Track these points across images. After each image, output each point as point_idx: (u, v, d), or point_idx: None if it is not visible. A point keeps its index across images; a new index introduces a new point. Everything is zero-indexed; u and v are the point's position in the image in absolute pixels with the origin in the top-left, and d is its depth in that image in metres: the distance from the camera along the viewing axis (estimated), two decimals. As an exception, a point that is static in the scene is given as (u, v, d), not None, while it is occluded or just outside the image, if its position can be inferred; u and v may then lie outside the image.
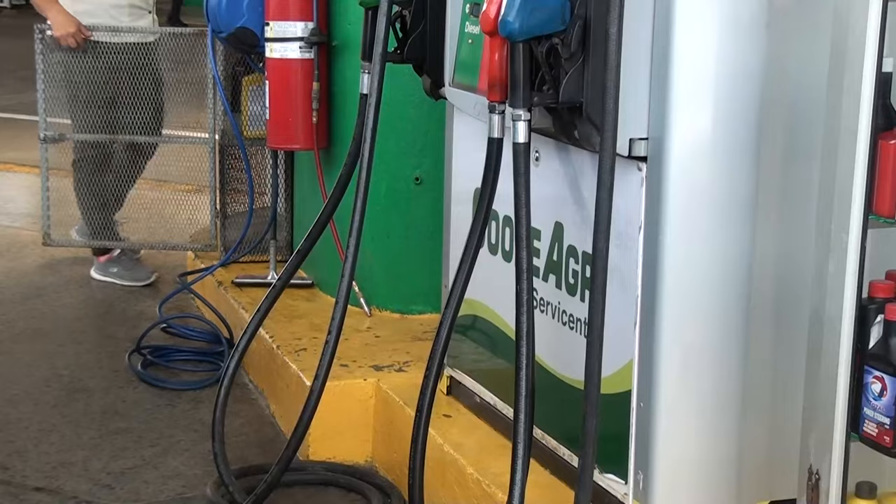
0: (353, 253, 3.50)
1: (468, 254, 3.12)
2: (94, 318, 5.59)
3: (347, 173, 3.76)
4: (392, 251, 4.80)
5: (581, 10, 2.78)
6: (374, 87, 3.43)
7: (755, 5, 2.75)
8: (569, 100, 2.83)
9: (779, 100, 2.78)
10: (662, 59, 2.75)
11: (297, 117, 4.90)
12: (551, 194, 3.19)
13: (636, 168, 2.85)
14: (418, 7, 3.62)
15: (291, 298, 4.97)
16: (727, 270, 2.86)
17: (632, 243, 2.90)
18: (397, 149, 4.66)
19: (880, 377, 2.45)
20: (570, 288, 3.20)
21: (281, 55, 4.86)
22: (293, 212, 5.52)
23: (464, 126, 3.66)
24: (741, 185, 2.83)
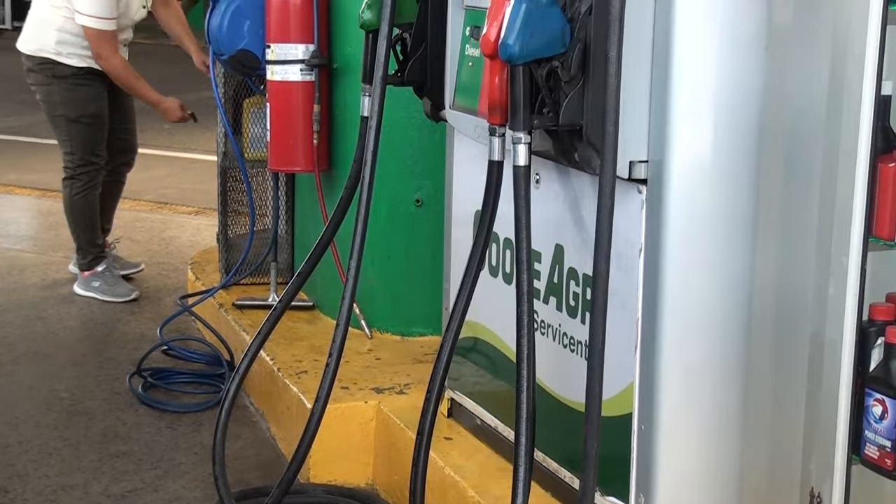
0: (354, 275, 3.50)
1: (469, 276, 3.12)
2: (95, 340, 5.59)
3: (348, 195, 3.77)
4: (393, 273, 4.80)
5: (581, 34, 2.79)
6: (375, 109, 3.44)
7: (754, 27, 2.76)
8: (569, 122, 2.84)
9: (778, 122, 2.79)
10: (662, 81, 2.76)
11: (298, 139, 4.91)
12: (552, 217, 3.19)
13: (636, 190, 2.86)
14: (419, 30, 3.63)
15: (292, 320, 4.97)
16: (728, 293, 2.86)
17: (632, 266, 2.90)
18: (398, 171, 4.66)
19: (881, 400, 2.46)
20: (571, 310, 3.20)
21: (282, 77, 4.87)
22: (294, 234, 5.52)
23: (464, 148, 3.66)
24: (741, 207, 2.83)
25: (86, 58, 5.80)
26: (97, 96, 5.90)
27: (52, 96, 5.87)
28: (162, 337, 5.29)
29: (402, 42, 3.70)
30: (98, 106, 5.90)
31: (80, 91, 5.85)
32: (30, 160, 9.58)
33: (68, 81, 5.83)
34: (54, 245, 7.03)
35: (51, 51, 5.81)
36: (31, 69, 5.91)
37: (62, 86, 5.83)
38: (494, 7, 2.80)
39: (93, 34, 5.70)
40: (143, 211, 7.91)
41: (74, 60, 5.81)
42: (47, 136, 6.38)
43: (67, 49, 5.80)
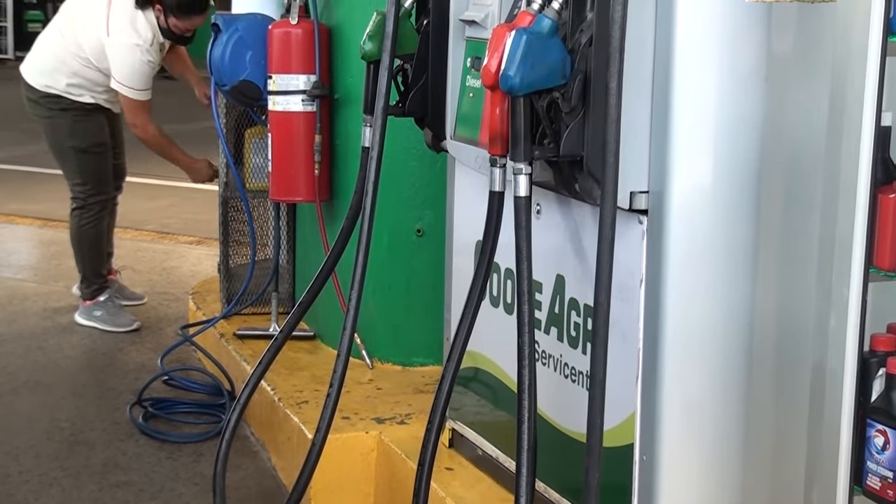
0: (355, 305, 3.50)
1: (470, 306, 3.12)
2: (96, 370, 5.58)
3: (349, 226, 3.77)
4: (394, 303, 4.80)
5: (581, 65, 2.80)
6: (376, 140, 3.45)
7: (754, 58, 2.77)
8: (569, 153, 2.85)
9: (778, 152, 2.80)
10: (662, 112, 2.76)
11: (300, 170, 4.92)
12: (553, 247, 3.20)
13: (637, 221, 2.86)
14: (420, 61, 3.64)
15: (293, 351, 4.96)
16: (729, 323, 2.86)
17: (633, 296, 2.90)
18: (399, 201, 4.67)
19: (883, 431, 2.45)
20: (572, 340, 3.20)
21: (283, 108, 4.89)
22: (295, 264, 5.52)
23: (465, 179, 3.67)
24: (742, 237, 2.83)
25: (96, 95, 5.85)
26: (102, 125, 5.95)
27: (60, 129, 5.88)
28: (163, 367, 5.28)
29: (404, 73, 3.71)
30: (105, 135, 5.97)
31: (89, 121, 5.89)
32: (32, 189, 9.59)
33: (76, 113, 5.85)
34: (55, 275, 7.03)
35: (61, 89, 5.84)
36: (34, 100, 5.92)
37: (70, 118, 5.85)
38: (495, 38, 2.81)
39: (129, 104, 5.78)
40: (145, 241, 7.92)
41: (86, 98, 5.85)
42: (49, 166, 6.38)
43: (79, 91, 5.84)
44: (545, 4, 2.81)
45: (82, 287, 6.10)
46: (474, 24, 3.41)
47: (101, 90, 5.85)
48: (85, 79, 5.82)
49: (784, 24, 2.75)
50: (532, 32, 2.76)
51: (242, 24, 4.99)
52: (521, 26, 2.78)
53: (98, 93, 5.86)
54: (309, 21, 4.85)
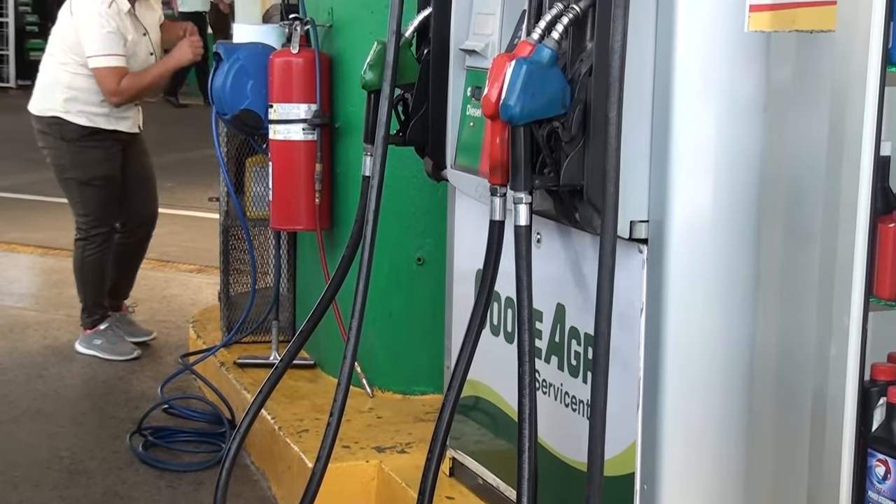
0: (356, 334, 3.50)
1: (470, 335, 3.13)
2: (96, 398, 5.57)
3: (350, 254, 3.78)
4: (394, 332, 4.80)
5: (581, 95, 2.81)
6: (377, 169, 3.46)
7: (753, 88, 2.79)
8: (569, 182, 2.86)
9: (778, 181, 2.80)
10: (662, 142, 2.77)
11: (300, 198, 4.92)
12: (553, 276, 3.20)
13: (637, 250, 2.86)
14: (420, 90, 3.66)
15: (294, 379, 4.96)
16: (729, 352, 2.86)
17: (634, 325, 2.90)
18: (399, 230, 4.68)
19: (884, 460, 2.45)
20: (573, 369, 3.20)
21: (284, 137, 4.90)
22: (296, 292, 5.53)
23: (465, 207, 3.68)
24: (742, 266, 2.84)
25: (93, 116, 5.80)
26: (107, 158, 5.88)
27: (62, 159, 5.87)
28: (163, 395, 5.28)
29: (404, 102, 3.72)
30: (108, 168, 5.89)
31: (90, 153, 5.83)
32: (34, 218, 9.60)
33: (76, 144, 5.82)
34: (56, 303, 7.03)
35: (59, 108, 5.80)
36: (40, 130, 5.91)
37: (71, 148, 5.82)
38: (495, 68, 2.82)
39: (102, 75, 5.70)
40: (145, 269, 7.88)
41: (82, 120, 5.80)
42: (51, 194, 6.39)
43: (76, 107, 5.79)
44: (545, 34, 2.82)
45: (83, 316, 6.09)
46: (475, 54, 3.43)
47: (94, 106, 5.79)
48: (78, 90, 5.77)
49: (783, 54, 2.77)
50: (532, 62, 2.77)
51: (244, 53, 5.01)
52: (522, 56, 2.79)
53: (93, 111, 5.80)
54: (310, 50, 4.87)
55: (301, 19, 4.91)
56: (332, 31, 4.96)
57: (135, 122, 5.96)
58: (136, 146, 6.05)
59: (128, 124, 5.92)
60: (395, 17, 3.42)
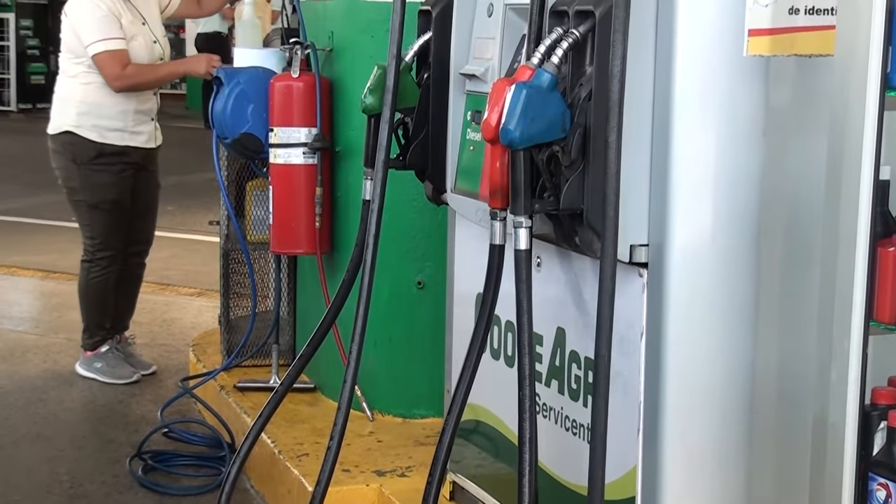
0: (356, 357, 3.50)
1: (470, 359, 3.13)
2: (96, 422, 5.57)
3: (350, 278, 3.78)
4: (394, 355, 4.80)
5: (581, 119, 2.82)
6: (377, 193, 3.47)
7: (752, 112, 2.79)
8: (569, 206, 2.86)
9: (778, 205, 2.81)
10: (662, 166, 2.78)
11: (301, 222, 4.93)
12: (553, 299, 3.20)
13: (637, 274, 2.87)
14: (420, 114, 3.66)
15: (294, 403, 4.96)
16: (730, 375, 2.86)
17: (634, 349, 2.90)
18: (399, 254, 4.68)
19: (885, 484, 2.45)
20: (573, 393, 3.20)
21: (285, 161, 4.91)
22: (296, 316, 5.53)
23: (466, 231, 3.68)
24: (742, 289, 2.84)
25: (105, 132, 5.73)
26: (117, 182, 5.82)
27: (72, 181, 5.84)
28: (163, 419, 5.27)
29: (404, 126, 3.73)
30: (118, 191, 5.83)
31: (100, 176, 5.78)
32: (34, 241, 9.61)
33: (87, 167, 5.76)
34: (57, 327, 7.03)
35: (72, 123, 5.73)
36: (54, 150, 5.87)
37: (82, 171, 5.78)
38: (495, 92, 2.83)
39: (104, 59, 5.62)
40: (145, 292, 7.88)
41: (94, 135, 5.72)
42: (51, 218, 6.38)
43: (89, 121, 5.72)
44: (545, 59, 2.83)
45: (84, 337, 6.08)
46: (474, 78, 3.44)
47: (107, 119, 5.73)
48: (91, 104, 5.72)
49: (782, 78, 2.78)
50: (532, 87, 2.78)
51: (244, 77, 5.03)
52: (521, 80, 2.80)
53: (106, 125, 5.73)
54: (310, 74, 4.88)
55: (301, 43, 4.92)
56: (333, 56, 4.98)
57: (151, 138, 5.90)
58: (150, 171, 5.99)
59: (142, 139, 5.86)
60: (396, 41, 3.43)
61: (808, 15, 2.74)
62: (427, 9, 3.65)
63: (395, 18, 3.45)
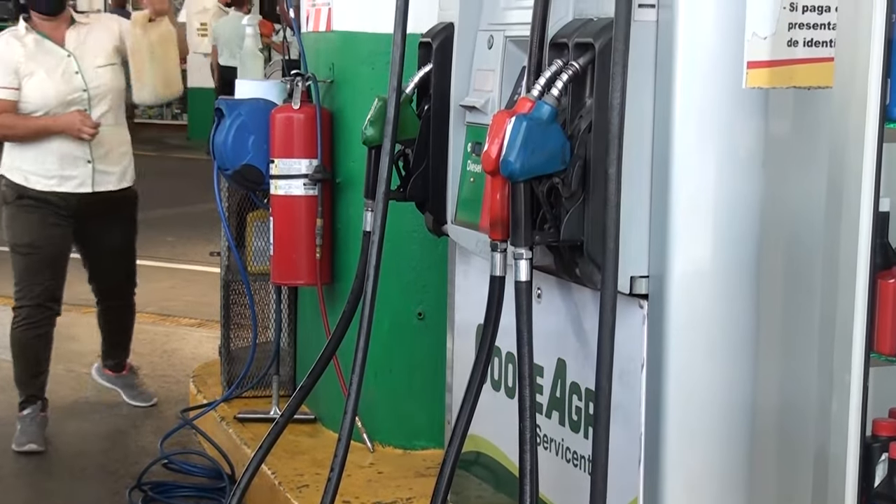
0: (356, 389, 3.50)
1: (471, 390, 3.12)
2: (96, 453, 5.55)
3: (351, 309, 3.78)
4: (395, 387, 4.79)
5: (581, 151, 2.83)
6: (378, 224, 3.47)
7: (751, 143, 2.80)
8: (570, 238, 2.86)
9: (778, 237, 2.81)
10: (661, 198, 2.79)
11: (301, 253, 4.93)
12: (553, 331, 3.20)
13: (637, 305, 2.87)
14: (420, 146, 3.67)
15: (294, 434, 4.95)
16: (731, 407, 2.86)
17: (635, 380, 2.90)
18: (400, 285, 4.68)
19: (887, 516, 2.44)
20: (574, 425, 3.19)
21: (285, 192, 4.91)
22: (296, 347, 5.52)
23: (466, 262, 3.69)
24: (743, 322, 2.84)
25: (27, 174, 5.41)
26: (37, 228, 5.41)
27: (3, 220, 5.58)
28: (163, 450, 5.26)
29: (405, 158, 3.74)
30: (37, 236, 5.41)
31: (20, 219, 5.43)
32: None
33: (11, 207, 5.46)
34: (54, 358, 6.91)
35: (5, 166, 5.49)
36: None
37: (7, 211, 5.48)
38: (496, 124, 2.84)
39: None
40: (145, 323, 7.90)
41: (18, 177, 5.43)
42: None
43: (12, 163, 5.47)
44: (545, 91, 2.84)
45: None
46: (475, 110, 3.45)
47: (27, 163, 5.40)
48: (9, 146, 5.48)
49: (781, 110, 2.79)
50: (532, 119, 2.79)
51: (245, 108, 5.04)
52: (522, 112, 2.81)
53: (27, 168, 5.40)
54: (311, 106, 4.89)
55: (302, 75, 4.94)
56: (334, 87, 4.99)
57: (85, 182, 5.47)
58: (107, 213, 5.57)
59: (73, 184, 5.45)
60: (396, 73, 3.45)
61: (807, 47, 2.76)
62: (427, 41, 3.67)
63: (395, 51, 3.47)
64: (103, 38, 5.52)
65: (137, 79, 5.52)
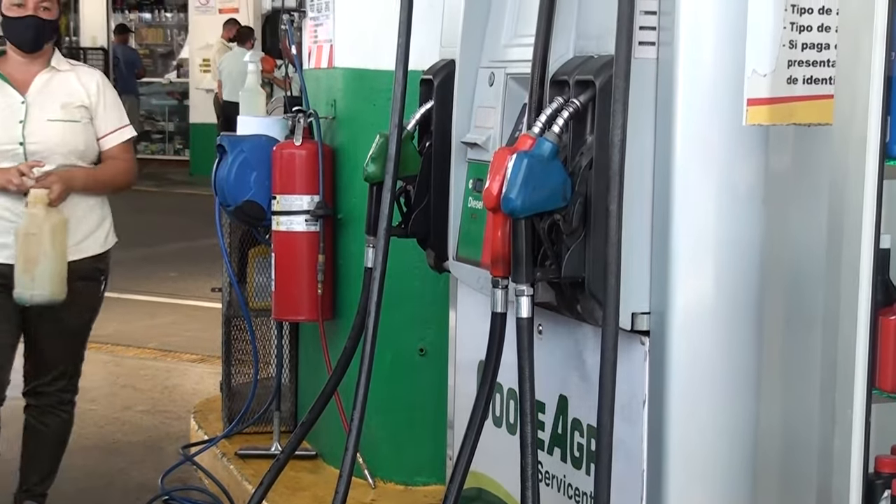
0: (358, 425, 3.49)
1: (473, 426, 3.12)
2: (96, 490, 5.54)
3: (352, 345, 3.78)
4: (396, 422, 4.78)
5: (582, 188, 2.83)
6: (379, 260, 3.48)
7: (752, 180, 2.81)
8: (571, 275, 2.87)
9: (778, 272, 2.82)
10: (662, 234, 2.79)
11: (303, 289, 4.93)
12: (555, 367, 3.20)
13: (639, 342, 2.87)
14: (422, 182, 3.68)
15: (295, 470, 4.93)
16: (732, 444, 2.86)
17: (637, 417, 2.90)
18: (401, 321, 4.68)
19: (889, 554, 2.43)
20: (576, 461, 3.18)
21: (287, 228, 4.92)
22: (297, 383, 5.51)
23: (467, 298, 3.69)
24: (744, 357, 2.84)
25: None
26: None
27: None
28: (163, 487, 5.24)
29: (406, 194, 3.75)
30: None
31: None
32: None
33: None
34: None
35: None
36: None
37: None
38: (497, 161, 2.85)
39: None
40: (147, 358, 7.91)
41: None
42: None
43: None
44: (546, 128, 2.85)
45: None
46: (476, 147, 3.46)
47: None
48: None
49: (781, 147, 2.80)
50: (533, 156, 2.80)
51: (247, 145, 5.06)
52: (523, 149, 2.82)
53: None
54: (313, 142, 4.91)
55: (304, 112, 4.96)
56: (335, 124, 5.01)
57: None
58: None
59: (5, 255, 4.38)
60: (398, 110, 3.46)
61: (807, 84, 2.77)
62: (429, 78, 3.68)
63: (396, 87, 3.48)
64: (72, 90, 4.50)
65: (25, 270, 4.28)
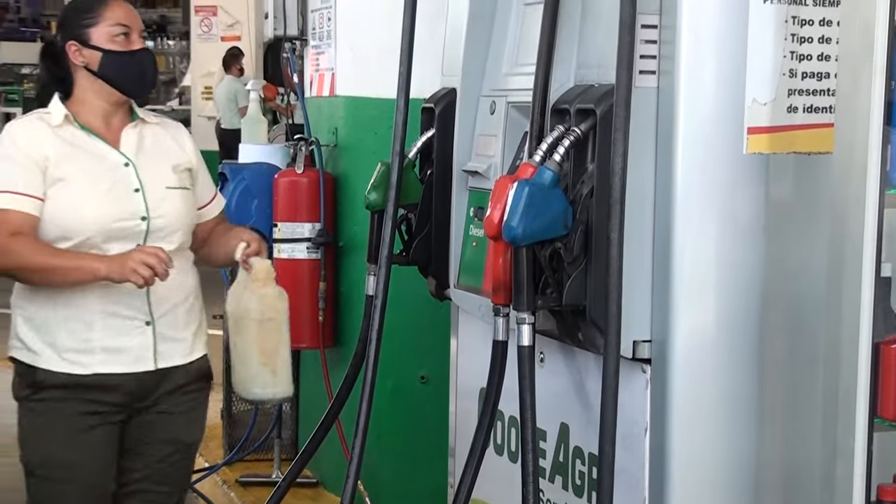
0: (359, 452, 3.49)
1: (474, 454, 3.11)
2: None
3: (353, 372, 3.78)
4: (397, 450, 4.77)
5: (583, 216, 2.84)
6: (380, 288, 3.48)
7: (752, 208, 2.81)
8: (572, 303, 2.87)
9: (780, 301, 2.82)
10: (663, 262, 2.79)
11: (304, 316, 4.92)
12: (556, 395, 3.19)
13: (640, 370, 2.87)
14: (423, 210, 3.69)
15: (296, 498, 4.92)
16: (734, 472, 2.85)
17: (638, 445, 2.89)
18: (403, 348, 4.68)
19: (892, 583, 2.43)
20: (577, 489, 3.18)
21: (289, 255, 4.92)
22: (298, 410, 5.50)
23: (469, 326, 3.68)
24: (746, 385, 2.84)
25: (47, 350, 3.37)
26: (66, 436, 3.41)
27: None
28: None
29: (407, 222, 3.75)
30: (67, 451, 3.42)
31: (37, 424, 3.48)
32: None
33: (24, 405, 3.50)
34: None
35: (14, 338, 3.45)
36: None
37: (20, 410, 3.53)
38: (498, 189, 2.86)
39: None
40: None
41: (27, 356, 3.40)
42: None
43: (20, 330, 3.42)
44: (547, 156, 2.86)
45: None
46: (477, 175, 3.47)
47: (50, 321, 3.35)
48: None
49: (781, 176, 2.80)
50: (534, 184, 2.80)
51: (249, 173, 5.07)
52: (524, 178, 2.83)
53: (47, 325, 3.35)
54: (314, 170, 4.92)
55: (306, 139, 4.97)
56: (337, 152, 5.02)
57: (139, 358, 3.38)
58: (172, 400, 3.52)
59: (124, 361, 3.38)
60: (399, 138, 3.47)
61: (807, 113, 2.78)
62: (430, 106, 3.69)
63: (398, 116, 3.50)
64: (168, 149, 3.49)
65: (265, 364, 3.51)
